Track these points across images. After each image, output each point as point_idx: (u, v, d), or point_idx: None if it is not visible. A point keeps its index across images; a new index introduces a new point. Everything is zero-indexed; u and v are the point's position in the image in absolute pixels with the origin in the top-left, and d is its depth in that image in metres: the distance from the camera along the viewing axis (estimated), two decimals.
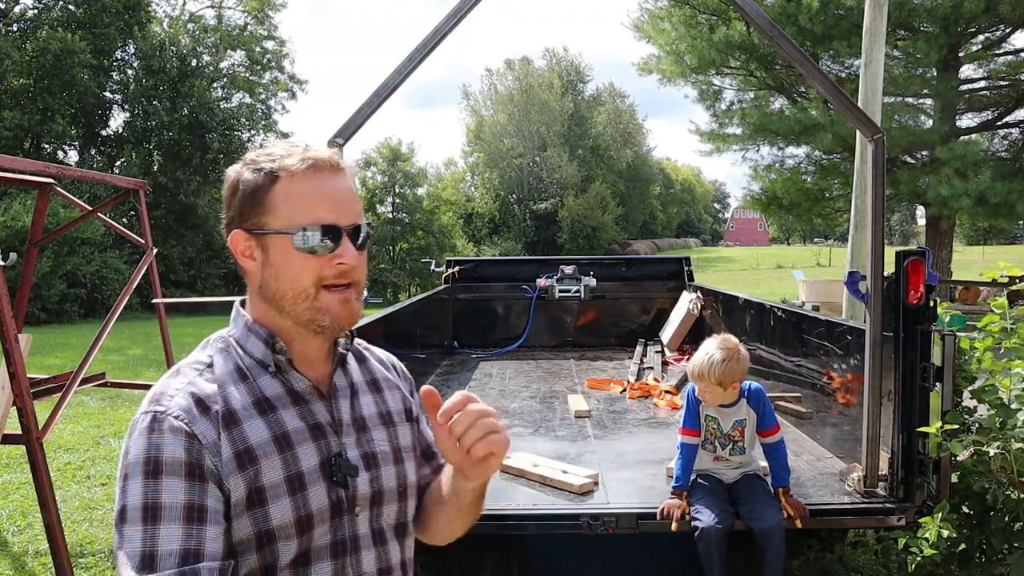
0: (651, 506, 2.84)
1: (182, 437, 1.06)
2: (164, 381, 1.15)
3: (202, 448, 1.07)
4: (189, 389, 1.11)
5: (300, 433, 1.15)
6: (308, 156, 1.15)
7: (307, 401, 1.18)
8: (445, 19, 2.89)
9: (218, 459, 1.07)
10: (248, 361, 1.17)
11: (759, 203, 18.60)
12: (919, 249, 2.89)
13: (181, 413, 1.08)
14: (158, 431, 1.07)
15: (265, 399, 1.15)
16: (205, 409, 1.10)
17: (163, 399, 1.10)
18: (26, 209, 17.51)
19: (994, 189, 13.93)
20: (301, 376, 1.19)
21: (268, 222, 1.15)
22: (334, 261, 1.14)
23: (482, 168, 49.74)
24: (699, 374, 2.82)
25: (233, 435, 1.10)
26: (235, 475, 1.08)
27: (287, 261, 1.14)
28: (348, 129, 2.83)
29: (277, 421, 1.14)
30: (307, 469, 1.13)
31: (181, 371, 1.16)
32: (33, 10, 23.32)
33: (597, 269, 7.29)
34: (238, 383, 1.15)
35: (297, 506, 1.11)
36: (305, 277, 1.14)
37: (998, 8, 13.69)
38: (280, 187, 1.14)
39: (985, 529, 2.84)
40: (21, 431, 3.56)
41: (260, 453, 1.10)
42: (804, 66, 2.96)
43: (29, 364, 4.13)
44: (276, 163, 1.14)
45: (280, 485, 1.10)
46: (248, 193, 1.16)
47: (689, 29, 16.92)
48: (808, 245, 68.08)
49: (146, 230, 5.30)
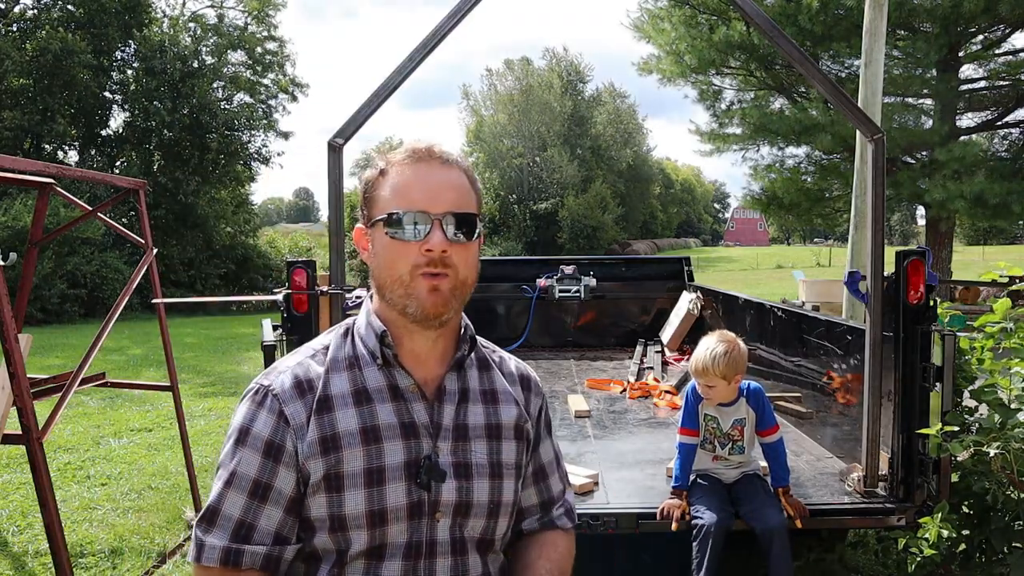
0: (651, 506, 2.84)
1: (273, 415, 1.14)
2: (284, 357, 1.26)
3: (287, 429, 1.14)
4: (296, 370, 1.19)
5: (391, 429, 1.17)
6: (410, 147, 1.22)
7: (407, 399, 1.20)
8: (445, 19, 2.89)
9: (303, 441, 1.13)
10: (361, 350, 1.22)
11: (759, 203, 18.60)
12: (919, 249, 2.89)
13: (280, 391, 1.16)
14: (257, 404, 1.16)
15: (364, 390, 1.19)
16: (303, 391, 1.16)
17: (272, 373, 1.20)
18: (26, 209, 17.51)
19: (992, 189, 13.93)
20: (405, 373, 1.21)
21: (375, 213, 1.22)
22: (423, 248, 1.16)
23: (482, 168, 49.70)
24: (703, 369, 2.81)
25: (323, 420, 1.15)
26: (316, 458, 1.13)
27: (384, 248, 1.20)
28: (348, 129, 2.83)
29: (370, 413, 1.17)
30: (390, 465, 1.16)
31: (300, 351, 1.25)
32: (33, 10, 23.31)
33: (597, 269, 7.29)
34: (343, 371, 1.20)
35: (371, 499, 1.14)
36: (400, 264, 1.18)
37: (998, 8, 13.69)
38: (386, 179, 1.22)
39: (985, 529, 2.85)
40: (21, 431, 3.56)
41: (344, 442, 1.14)
42: (804, 66, 2.96)
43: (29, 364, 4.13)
44: (382, 160, 1.23)
45: (359, 475, 1.14)
46: (363, 188, 1.25)
47: (689, 29, 16.92)
48: (808, 245, 68.09)
49: (146, 230, 5.30)
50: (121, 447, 6.42)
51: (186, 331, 15.76)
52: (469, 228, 1.20)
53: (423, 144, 1.22)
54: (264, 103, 27.42)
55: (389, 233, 1.18)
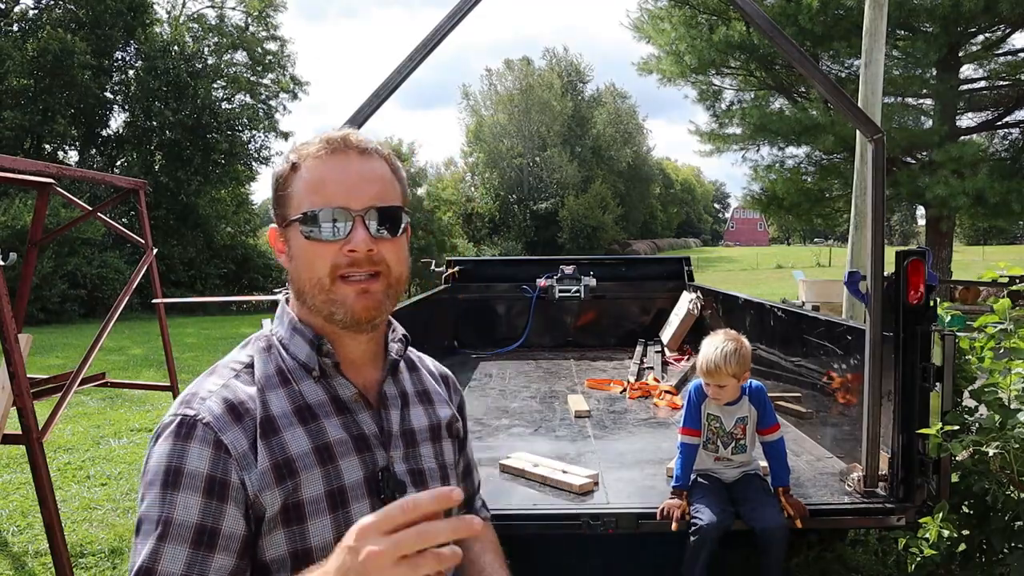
0: (651, 506, 2.84)
1: (209, 447, 0.98)
2: (198, 381, 1.08)
3: (230, 460, 0.99)
4: (223, 393, 1.04)
5: (343, 445, 1.07)
6: (324, 137, 1.10)
7: (352, 410, 1.11)
8: (445, 19, 2.89)
9: (250, 471, 0.99)
10: (291, 363, 1.10)
11: (759, 203, 18.61)
12: (919, 249, 2.89)
13: (211, 419, 1.00)
14: (184, 438, 0.99)
15: (307, 406, 1.07)
16: (238, 416, 1.02)
17: (194, 401, 1.03)
18: (27, 209, 17.52)
19: (993, 189, 13.93)
20: (347, 382, 1.11)
21: (288, 212, 1.10)
22: (345, 248, 1.06)
23: (482, 168, 49.74)
24: (715, 368, 2.78)
25: (272, 445, 1.02)
26: (271, 489, 1.00)
27: (301, 250, 1.08)
28: (349, 127, 2.83)
29: (319, 431, 1.06)
30: (350, 484, 1.06)
31: (217, 371, 1.09)
32: (34, 10, 23.34)
33: (597, 269, 7.29)
34: (278, 387, 1.07)
35: (339, 524, 1.03)
36: (319, 267, 1.07)
37: (997, 8, 13.69)
38: (299, 175, 1.09)
39: (985, 529, 2.85)
40: (21, 431, 3.56)
41: (300, 465, 1.02)
42: (804, 66, 2.96)
43: (29, 364, 4.13)
44: (299, 151, 1.10)
45: (320, 501, 1.03)
46: (274, 185, 1.13)
47: (689, 29, 16.92)
48: (808, 245, 68.09)
49: (146, 230, 5.30)
50: (121, 447, 6.42)
51: (186, 331, 15.76)
52: (394, 222, 1.10)
53: (338, 133, 1.11)
54: (264, 103, 27.46)
55: (305, 233, 1.06)
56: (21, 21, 23.20)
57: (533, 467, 3.21)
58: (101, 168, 24.51)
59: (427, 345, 6.44)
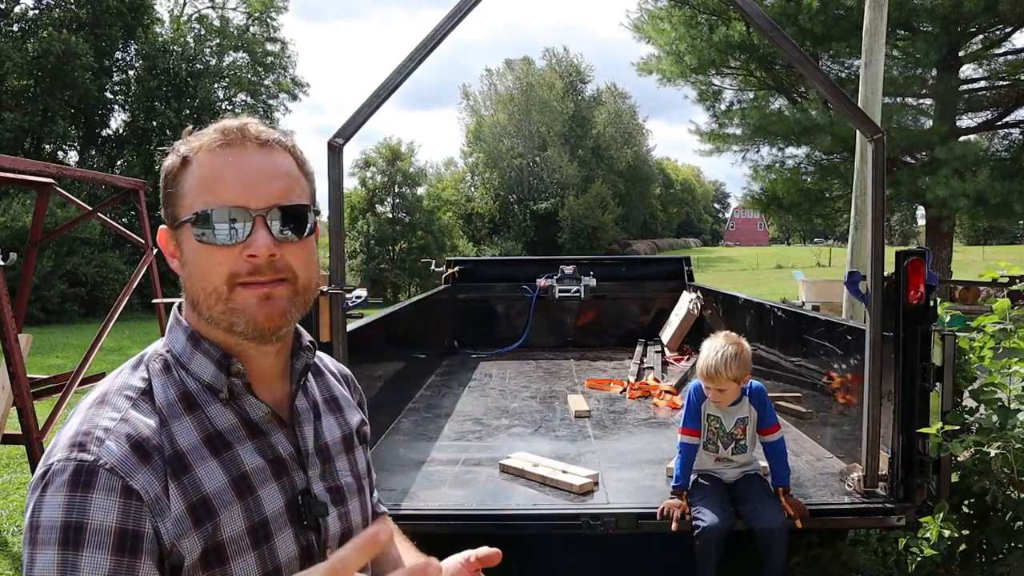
0: (651, 506, 2.85)
1: (116, 496, 0.84)
2: (85, 415, 0.91)
3: (142, 508, 0.85)
4: (123, 429, 0.88)
5: (260, 472, 0.96)
6: (220, 127, 0.98)
7: (265, 432, 0.99)
8: (445, 19, 2.89)
9: (165, 517, 0.87)
10: (194, 386, 0.96)
11: (759, 203, 18.61)
12: (919, 249, 2.89)
13: (115, 463, 0.85)
14: (84, 487, 0.83)
15: (217, 434, 0.95)
16: (145, 455, 0.87)
17: (89, 443, 0.86)
18: (26, 209, 17.52)
19: (993, 189, 13.93)
20: (258, 402, 0.99)
21: (178, 212, 0.96)
22: (244, 252, 0.93)
23: (482, 168, 49.75)
24: (715, 373, 2.77)
25: (184, 484, 0.89)
26: (190, 534, 0.88)
27: (195, 255, 0.95)
28: (348, 129, 2.84)
29: (233, 461, 0.94)
30: (271, 515, 0.95)
31: (109, 400, 0.93)
32: (35, 11, 23.34)
33: (597, 269, 7.30)
34: (183, 416, 0.94)
35: (263, 560, 0.93)
36: (215, 274, 0.94)
37: (997, 8, 13.70)
38: (190, 170, 0.96)
39: (985, 529, 2.85)
40: (21, 431, 3.56)
41: (218, 503, 0.91)
42: (804, 66, 2.96)
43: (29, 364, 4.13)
44: (191, 143, 0.97)
45: (243, 538, 0.92)
46: (163, 181, 0.98)
47: (689, 29, 16.92)
48: (808, 245, 68.10)
49: (146, 230, 5.30)
50: None
51: None
52: (300, 222, 0.97)
53: (235, 122, 0.98)
54: (265, 103, 27.50)
55: (197, 236, 0.93)
56: (21, 21, 23.20)
57: (533, 467, 3.21)
58: (101, 168, 24.50)
59: (427, 345, 6.45)
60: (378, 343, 4.30)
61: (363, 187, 29.80)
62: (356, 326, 3.71)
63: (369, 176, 30.60)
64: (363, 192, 29.57)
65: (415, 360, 5.40)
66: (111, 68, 24.46)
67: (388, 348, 4.54)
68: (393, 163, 30.85)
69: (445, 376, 5.81)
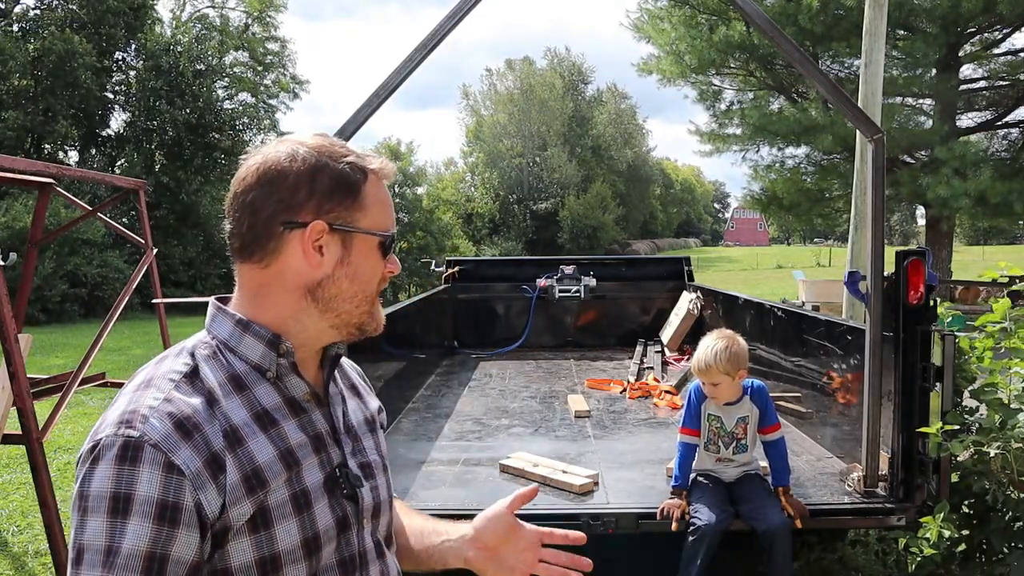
0: (651, 506, 2.84)
1: (160, 470, 0.92)
2: (132, 396, 0.99)
3: (183, 482, 0.93)
4: (166, 408, 0.97)
5: (303, 447, 1.06)
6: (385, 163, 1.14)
7: (306, 410, 1.09)
8: (445, 19, 2.89)
9: (206, 490, 0.95)
10: (241, 367, 1.06)
11: (759, 203, 18.63)
12: (919, 249, 2.89)
13: (159, 439, 0.93)
14: (131, 461, 0.92)
15: (265, 412, 1.04)
16: (187, 433, 0.96)
17: (135, 420, 0.95)
18: (27, 209, 17.52)
19: (994, 189, 13.93)
20: (300, 381, 1.09)
21: (357, 220, 1.08)
22: (387, 269, 1.13)
23: (482, 168, 49.74)
24: (705, 367, 2.81)
25: (239, 456, 0.99)
26: (243, 501, 0.97)
27: (368, 263, 1.10)
28: (348, 129, 2.83)
29: (280, 436, 1.04)
30: (312, 485, 1.05)
31: (153, 383, 1.01)
32: (36, 10, 23.34)
33: (597, 269, 7.29)
34: (233, 395, 1.03)
35: (304, 526, 1.03)
36: (376, 281, 1.12)
37: (996, 8, 13.70)
38: (369, 188, 1.10)
39: (985, 529, 2.85)
40: (21, 431, 3.56)
41: (269, 474, 1.00)
42: (804, 66, 2.96)
43: (29, 364, 4.13)
44: (361, 161, 1.11)
45: (285, 505, 1.02)
46: (341, 185, 1.07)
47: (689, 29, 16.93)
48: (808, 245, 68.11)
49: (146, 230, 5.30)
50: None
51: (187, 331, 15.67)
52: None
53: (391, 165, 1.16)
54: (266, 102, 27.51)
55: (382, 249, 1.11)
56: (22, 21, 23.20)
57: (533, 467, 3.21)
58: (101, 168, 24.51)
59: (427, 345, 6.44)
60: (378, 343, 4.30)
61: None
62: None
63: None
64: None
65: (415, 360, 5.40)
66: (112, 68, 24.46)
67: (388, 348, 4.54)
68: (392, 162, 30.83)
69: (445, 376, 5.81)
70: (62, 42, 21.26)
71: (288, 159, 1.06)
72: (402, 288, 28.41)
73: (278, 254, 1.06)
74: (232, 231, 1.12)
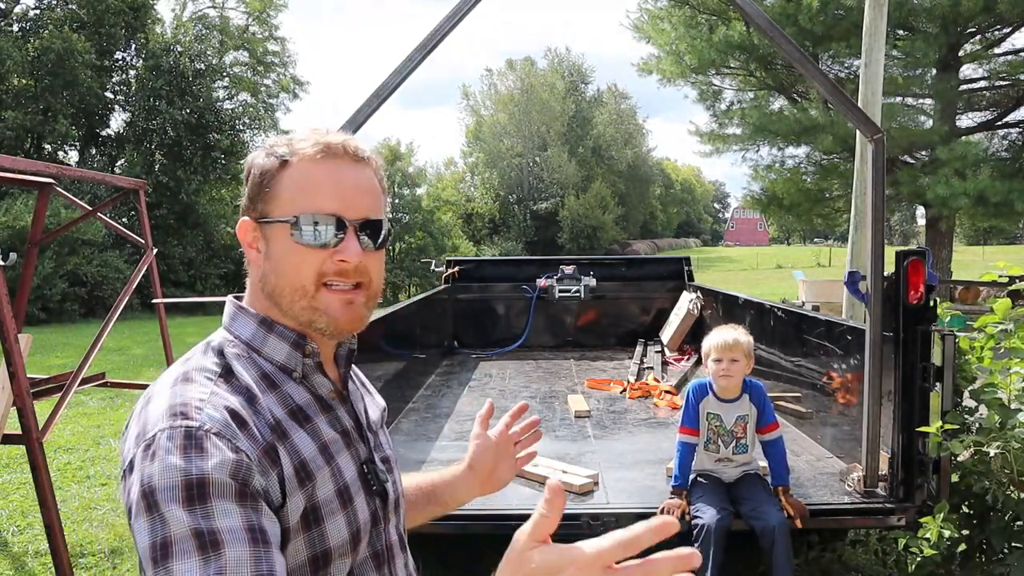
0: (651, 506, 2.85)
1: (227, 452, 0.89)
2: (173, 391, 0.96)
3: (251, 466, 0.90)
4: (217, 401, 0.94)
5: (336, 443, 1.05)
6: (323, 140, 1.05)
7: (332, 407, 1.09)
8: (445, 19, 2.89)
9: (268, 478, 0.92)
10: (268, 367, 1.05)
11: (759, 203, 18.62)
12: (919, 249, 2.89)
13: (220, 428, 0.91)
14: (197, 448, 0.88)
15: (299, 408, 1.03)
16: (242, 423, 0.94)
17: (191, 411, 0.92)
18: (28, 209, 17.51)
19: (994, 189, 13.93)
20: (325, 380, 1.09)
21: (271, 210, 1.04)
22: (335, 257, 1.03)
23: (482, 168, 49.75)
24: (734, 341, 2.87)
25: (288, 449, 0.97)
26: (296, 493, 0.96)
27: (285, 253, 1.03)
28: (348, 129, 2.83)
29: (316, 432, 1.03)
30: (350, 480, 1.05)
31: (193, 378, 0.99)
32: (35, 10, 23.34)
33: (597, 269, 7.30)
34: (268, 392, 1.01)
35: (349, 521, 1.02)
36: (304, 272, 1.03)
37: (996, 7, 13.69)
38: (288, 173, 1.04)
39: (985, 529, 2.84)
40: (21, 431, 3.56)
41: (314, 467, 0.99)
42: (804, 66, 2.96)
43: (29, 364, 4.14)
44: (290, 147, 1.05)
45: (332, 500, 1.01)
46: (257, 178, 1.05)
47: (689, 29, 16.92)
48: (808, 245, 68.11)
49: (146, 230, 5.30)
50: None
51: (186, 331, 15.75)
52: (379, 234, 1.08)
53: (336, 139, 1.05)
54: (266, 102, 27.51)
55: (296, 237, 1.02)
56: (22, 21, 23.20)
57: (533, 467, 3.21)
58: (101, 168, 24.49)
59: (427, 345, 6.43)
60: (378, 343, 4.30)
61: None
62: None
63: None
64: None
65: (415, 360, 5.40)
66: (112, 68, 24.46)
67: (388, 348, 4.54)
68: (392, 163, 30.86)
69: (445, 376, 5.81)
70: (62, 42, 21.25)
71: (252, 159, 1.08)
72: (402, 288, 28.42)
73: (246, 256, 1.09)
74: None
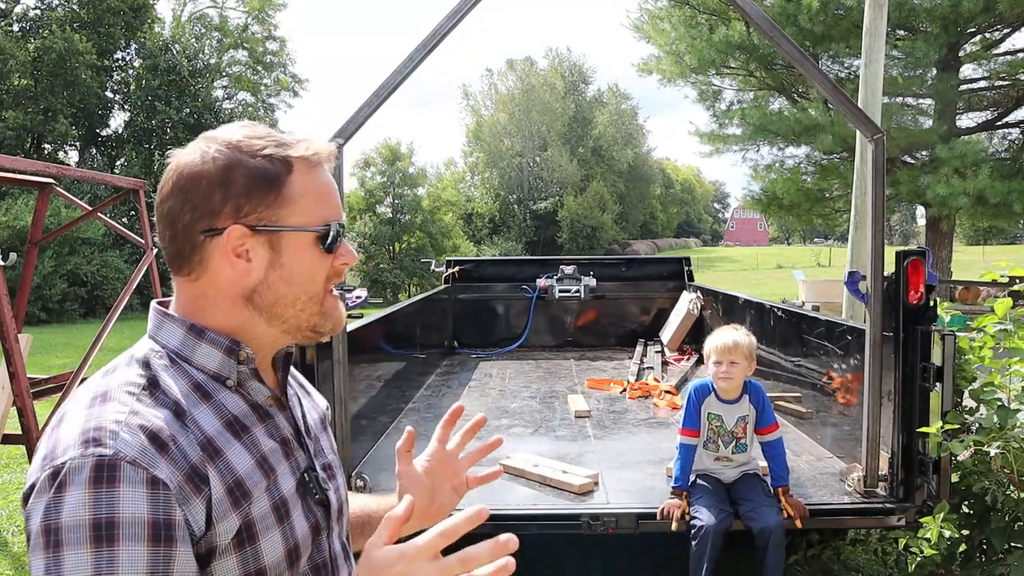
0: (651, 506, 2.85)
1: (143, 487, 0.82)
2: (88, 412, 0.87)
3: (170, 496, 0.83)
4: (135, 421, 0.86)
5: (275, 453, 1.00)
6: (313, 146, 1.01)
7: (271, 415, 1.03)
8: (445, 19, 2.89)
9: (190, 505, 0.86)
10: (201, 376, 0.98)
11: (759, 203, 18.61)
12: (919, 249, 2.89)
13: (136, 455, 0.83)
14: (109, 482, 0.81)
15: (235, 419, 0.97)
16: (162, 445, 0.86)
17: (104, 438, 0.84)
18: (28, 209, 17.52)
19: (994, 189, 13.93)
20: (261, 386, 1.02)
21: (285, 217, 0.98)
22: (338, 261, 1.02)
23: (482, 168, 49.75)
24: (734, 343, 2.85)
25: (220, 468, 0.91)
26: (230, 515, 0.90)
27: (304, 262, 0.99)
28: (348, 129, 2.84)
29: (253, 443, 0.97)
30: (288, 493, 0.99)
31: (111, 395, 0.90)
32: (36, 10, 23.36)
33: (597, 269, 7.30)
34: (200, 404, 0.94)
35: (286, 536, 0.97)
36: (319, 279, 1.01)
37: (996, 7, 13.70)
38: (298, 178, 0.99)
39: (985, 529, 2.84)
40: (21, 431, 3.57)
41: (250, 484, 0.94)
42: (804, 66, 2.96)
43: (29, 364, 4.14)
44: (284, 150, 0.99)
45: (268, 516, 0.95)
46: (259, 182, 0.97)
47: (689, 29, 16.93)
48: (808, 245, 68.12)
49: (146, 230, 5.31)
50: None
51: None
52: None
53: (324, 146, 1.02)
54: (265, 102, 27.54)
55: (322, 246, 1.00)
56: (23, 21, 23.22)
57: (533, 467, 3.21)
58: (101, 168, 24.52)
59: (427, 345, 6.43)
60: (378, 343, 4.30)
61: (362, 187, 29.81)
62: (356, 326, 3.72)
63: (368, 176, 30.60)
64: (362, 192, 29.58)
65: (415, 360, 5.40)
66: (112, 67, 24.48)
67: (388, 348, 4.55)
68: (393, 163, 30.85)
69: (445, 376, 5.81)
70: (62, 41, 21.27)
71: (200, 161, 0.96)
72: (402, 288, 28.42)
73: (205, 265, 0.98)
74: (162, 244, 1.01)
